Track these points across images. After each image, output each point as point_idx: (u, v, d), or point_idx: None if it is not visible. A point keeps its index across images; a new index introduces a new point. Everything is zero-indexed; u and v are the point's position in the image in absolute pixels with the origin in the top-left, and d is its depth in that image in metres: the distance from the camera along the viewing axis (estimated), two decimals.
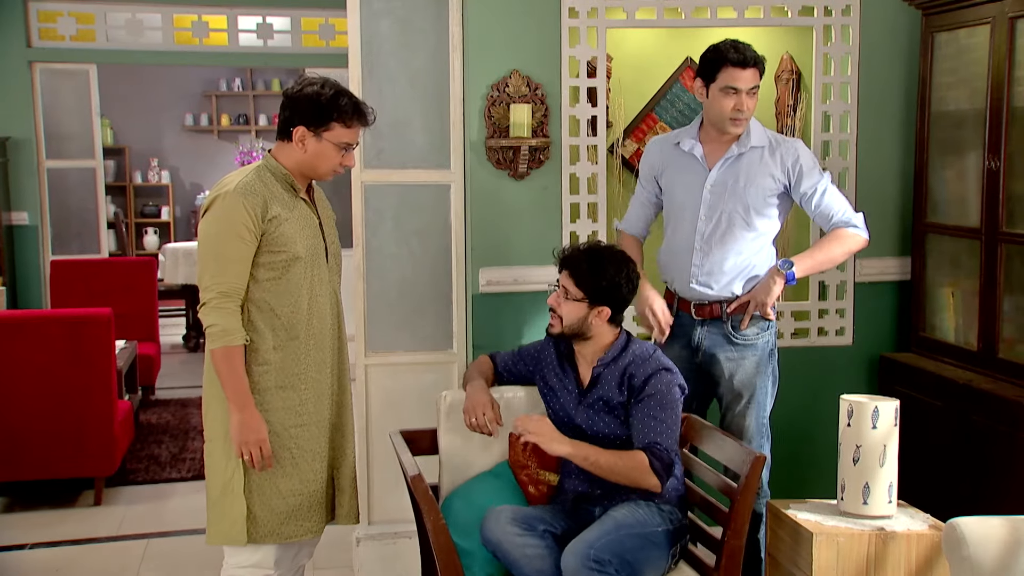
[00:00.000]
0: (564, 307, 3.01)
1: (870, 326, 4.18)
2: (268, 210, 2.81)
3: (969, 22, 3.73)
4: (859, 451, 2.93)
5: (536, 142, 3.82)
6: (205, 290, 2.79)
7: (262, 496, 2.87)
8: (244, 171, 2.90)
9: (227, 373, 2.78)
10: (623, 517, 2.85)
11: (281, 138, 2.91)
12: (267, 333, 2.85)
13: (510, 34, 3.86)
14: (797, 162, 3.35)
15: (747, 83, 3.26)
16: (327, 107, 2.83)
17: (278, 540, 2.90)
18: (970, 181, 3.80)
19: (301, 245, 2.87)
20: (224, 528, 2.87)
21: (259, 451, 2.81)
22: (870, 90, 4.08)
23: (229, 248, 2.78)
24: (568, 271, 3.02)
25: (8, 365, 4.65)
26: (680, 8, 3.94)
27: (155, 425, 6.38)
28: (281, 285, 2.85)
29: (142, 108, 11.55)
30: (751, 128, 3.36)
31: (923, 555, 2.86)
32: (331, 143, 2.85)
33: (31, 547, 4.41)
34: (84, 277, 6.87)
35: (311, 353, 2.92)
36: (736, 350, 3.37)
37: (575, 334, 3.04)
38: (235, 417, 2.79)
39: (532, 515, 2.92)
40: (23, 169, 7.14)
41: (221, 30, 7.48)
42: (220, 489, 2.87)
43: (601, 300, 2.99)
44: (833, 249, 3.37)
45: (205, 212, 2.85)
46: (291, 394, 2.90)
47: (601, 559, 2.69)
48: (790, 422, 4.08)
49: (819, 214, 3.38)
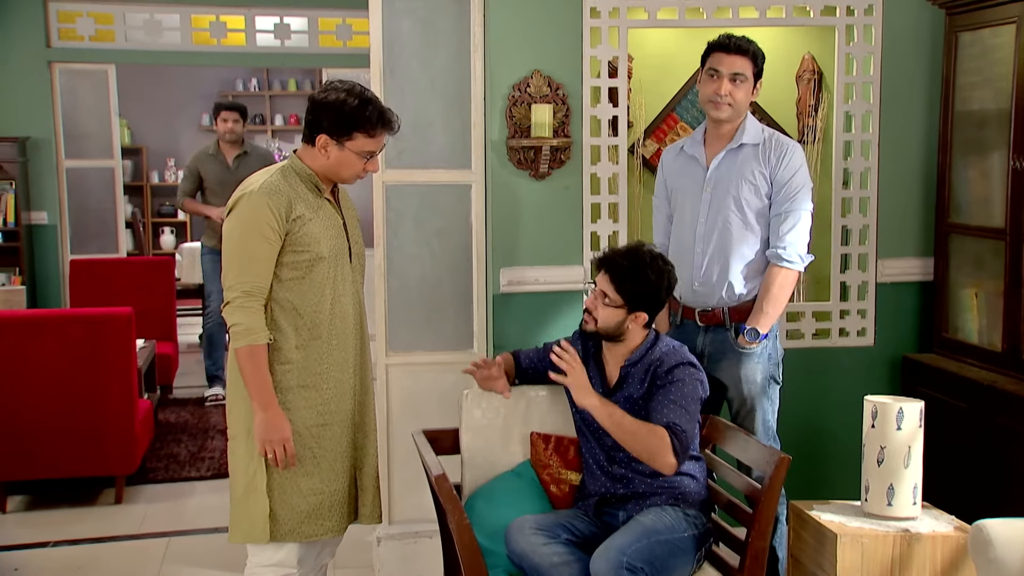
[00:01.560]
0: (601, 311, 2.98)
1: (892, 327, 4.16)
2: (292, 210, 2.81)
3: (994, 21, 3.71)
4: (883, 452, 2.92)
5: (557, 142, 3.82)
6: (229, 289, 2.80)
7: (283, 495, 2.87)
8: (269, 171, 2.91)
9: (251, 371, 2.79)
10: (651, 523, 2.84)
11: (306, 142, 2.91)
12: (290, 332, 2.85)
13: (531, 34, 3.86)
14: (780, 160, 3.30)
15: (729, 67, 3.26)
16: (351, 117, 2.82)
17: (299, 539, 2.91)
18: (994, 181, 3.78)
19: (325, 245, 2.87)
20: (246, 527, 2.87)
21: (282, 449, 2.81)
22: (892, 90, 4.06)
23: (253, 247, 2.79)
24: (609, 275, 2.98)
25: (30, 364, 4.67)
26: (702, 8, 3.94)
27: (174, 424, 6.40)
28: (304, 285, 2.86)
29: (159, 108, 11.58)
30: (745, 125, 3.35)
31: (948, 557, 2.84)
32: (353, 152, 2.86)
33: (53, 545, 4.43)
34: (103, 276, 6.89)
35: (333, 352, 2.93)
36: (740, 358, 3.35)
37: (609, 336, 3.02)
38: (259, 416, 2.80)
39: (555, 522, 2.91)
40: (43, 169, 7.17)
41: (239, 30, 7.49)
42: (243, 487, 2.88)
43: (640, 306, 2.98)
44: (776, 295, 3.29)
45: (230, 212, 2.86)
46: (313, 393, 2.90)
47: (633, 566, 2.68)
48: (810, 423, 4.07)
49: (771, 227, 3.33)
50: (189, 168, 6.68)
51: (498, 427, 3.24)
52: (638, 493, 2.98)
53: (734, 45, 3.28)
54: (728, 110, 3.30)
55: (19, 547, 4.40)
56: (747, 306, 3.34)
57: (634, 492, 2.98)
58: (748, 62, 3.28)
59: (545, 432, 3.25)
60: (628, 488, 2.99)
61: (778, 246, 3.29)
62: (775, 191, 3.30)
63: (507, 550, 2.86)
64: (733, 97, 3.28)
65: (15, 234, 7.04)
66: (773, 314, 3.30)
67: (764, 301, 3.29)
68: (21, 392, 4.68)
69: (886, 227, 4.11)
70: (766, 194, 3.31)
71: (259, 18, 7.48)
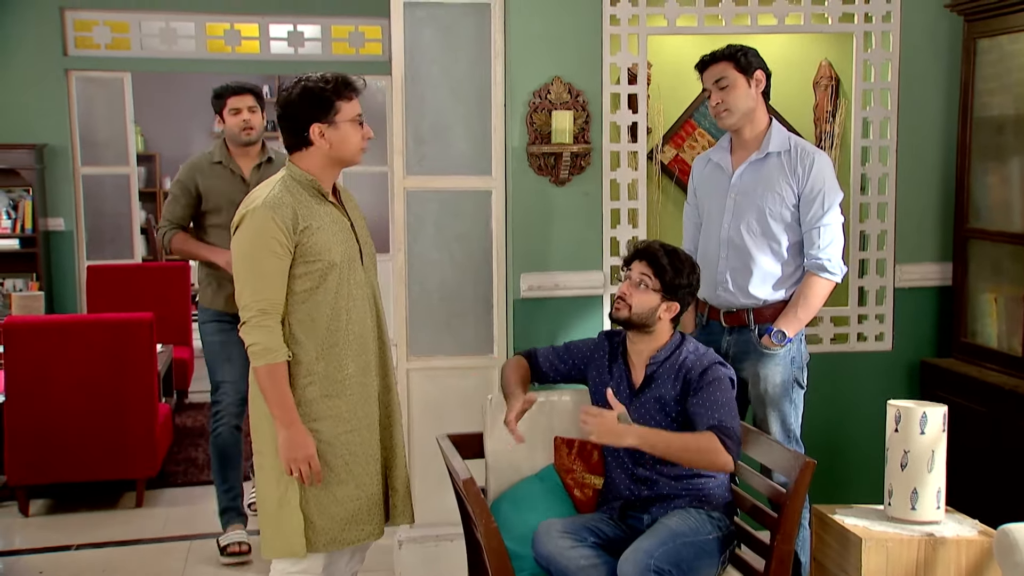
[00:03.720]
0: (636, 296, 3.02)
1: (910, 332, 4.18)
2: (299, 221, 2.79)
3: (1012, 28, 3.73)
4: (907, 456, 2.93)
5: (577, 148, 3.85)
6: (244, 308, 2.78)
7: (320, 505, 2.86)
8: (270, 183, 2.88)
9: (271, 391, 2.77)
10: (677, 526, 2.86)
11: (297, 148, 2.88)
12: (308, 344, 2.83)
13: (552, 41, 3.89)
14: (808, 172, 3.32)
15: (710, 78, 3.36)
16: (323, 93, 2.82)
17: (342, 546, 2.90)
18: (1014, 187, 3.80)
19: (336, 251, 2.85)
20: (281, 542, 2.86)
21: (307, 467, 2.79)
22: (910, 96, 4.08)
23: (264, 264, 2.77)
24: (647, 261, 3.05)
25: (52, 369, 4.71)
26: (721, 15, 3.97)
27: (191, 428, 6.43)
28: (319, 294, 2.83)
29: (172, 115, 11.65)
30: (771, 133, 3.38)
31: (973, 561, 2.85)
32: (345, 123, 2.85)
33: (76, 548, 4.46)
34: (119, 282, 6.94)
35: (354, 358, 2.91)
36: (762, 358, 3.38)
37: (640, 324, 3.04)
38: (282, 434, 2.79)
39: (581, 525, 2.93)
40: (59, 176, 7.21)
41: (253, 38, 7.54)
42: (276, 503, 2.86)
43: (673, 295, 3.03)
44: (813, 304, 3.35)
45: (236, 229, 2.84)
46: (338, 402, 2.88)
47: (660, 569, 2.71)
48: (829, 427, 4.09)
49: (805, 238, 3.36)
50: (180, 184, 4.33)
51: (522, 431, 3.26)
52: (662, 495, 3.00)
53: (705, 60, 3.38)
54: (728, 116, 3.35)
55: (42, 550, 4.43)
56: (771, 309, 3.37)
57: (658, 494, 3.01)
58: (726, 64, 3.33)
59: (568, 437, 3.27)
60: (652, 490, 3.01)
61: (820, 257, 3.32)
62: (804, 202, 3.33)
63: (534, 553, 2.88)
64: (725, 102, 3.34)
65: (32, 240, 7.08)
66: (804, 320, 3.34)
67: (798, 307, 3.33)
68: (44, 397, 4.72)
69: (904, 232, 4.13)
70: (792, 204, 3.34)
71: (273, 26, 7.52)
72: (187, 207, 4.29)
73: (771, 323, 3.36)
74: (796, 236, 3.37)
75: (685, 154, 4.39)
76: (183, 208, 4.30)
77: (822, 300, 3.37)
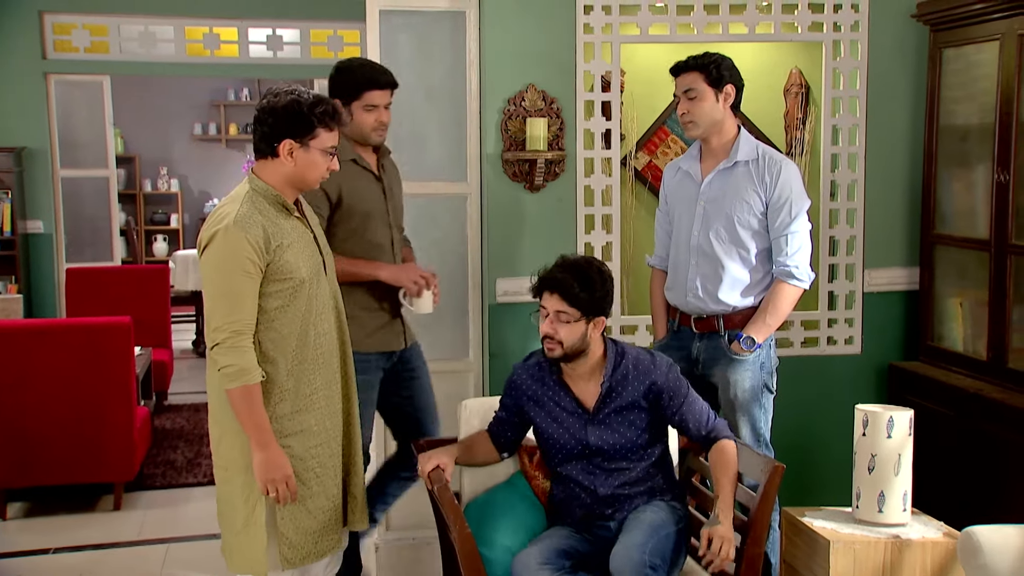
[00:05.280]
0: (562, 331, 2.90)
1: (879, 335, 4.25)
2: (270, 239, 2.74)
3: (978, 38, 3.80)
4: (874, 460, 2.99)
5: (552, 155, 3.90)
6: (217, 330, 2.70)
7: (295, 521, 2.84)
8: (236, 199, 2.80)
9: (247, 412, 2.72)
10: (653, 519, 2.88)
11: (263, 156, 2.80)
12: (280, 362, 2.80)
13: (526, 49, 3.94)
14: (776, 180, 3.35)
15: (680, 87, 3.40)
16: (308, 115, 2.75)
17: (317, 558, 2.89)
18: (978, 193, 3.87)
19: (304, 267, 2.82)
20: (248, 560, 2.83)
21: (285, 486, 2.77)
22: (878, 104, 4.15)
23: (236, 284, 2.70)
24: (558, 293, 2.91)
25: (29, 372, 4.72)
26: (692, 24, 4.02)
27: (170, 430, 6.45)
28: (289, 312, 2.80)
29: (152, 117, 11.65)
30: (739, 142, 3.41)
31: (938, 563, 2.91)
32: (318, 150, 2.80)
33: (54, 551, 4.48)
34: (99, 284, 6.93)
35: (320, 371, 2.89)
36: (732, 364, 3.43)
37: (576, 353, 2.95)
38: (258, 456, 2.74)
39: (554, 550, 2.89)
40: (38, 178, 7.20)
41: (232, 42, 7.54)
42: (243, 521, 2.82)
43: (595, 311, 2.93)
44: (782, 310, 3.39)
45: (205, 248, 2.78)
46: (307, 416, 2.86)
47: (654, 563, 2.74)
48: (800, 430, 4.15)
49: (774, 245, 3.40)
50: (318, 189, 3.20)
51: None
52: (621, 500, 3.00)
53: (678, 65, 3.40)
54: (693, 127, 3.40)
55: (21, 554, 4.45)
56: (741, 315, 3.42)
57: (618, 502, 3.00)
58: (697, 75, 3.35)
59: (530, 446, 3.27)
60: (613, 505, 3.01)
61: (788, 264, 3.36)
62: (772, 210, 3.37)
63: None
64: (692, 113, 3.37)
65: (11, 243, 7.07)
66: (773, 326, 3.39)
67: (767, 313, 3.38)
68: (21, 400, 4.73)
69: (872, 238, 4.20)
70: (760, 212, 3.38)
71: (252, 30, 7.54)
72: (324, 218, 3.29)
73: (741, 329, 3.41)
74: (764, 243, 3.42)
75: (658, 160, 4.45)
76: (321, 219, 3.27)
77: (791, 306, 3.42)
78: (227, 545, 2.90)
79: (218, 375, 2.73)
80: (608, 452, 3.00)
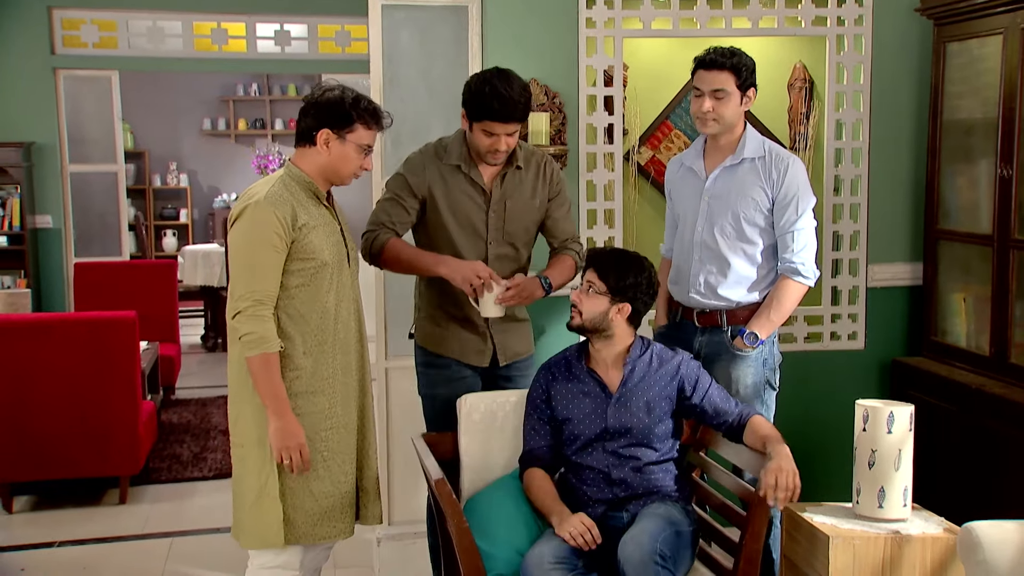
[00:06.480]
0: (586, 302, 3.07)
1: (882, 331, 4.24)
2: (297, 218, 2.87)
3: (981, 32, 3.78)
4: (874, 455, 2.97)
5: (554, 150, 3.89)
6: (239, 299, 2.82)
7: (296, 499, 2.92)
8: (269, 181, 2.96)
9: (265, 380, 2.82)
10: (667, 514, 2.90)
11: (302, 144, 2.96)
12: (297, 339, 2.90)
13: (528, 44, 3.93)
14: (783, 177, 3.33)
15: (709, 84, 3.29)
16: (350, 110, 2.91)
17: (312, 541, 2.96)
18: (982, 188, 3.86)
19: (328, 252, 2.93)
20: (261, 532, 2.91)
21: (299, 455, 2.86)
22: (882, 98, 4.14)
23: (262, 257, 2.83)
24: (594, 268, 3.11)
25: (35, 367, 4.75)
26: (695, 18, 4.01)
27: (176, 425, 6.48)
28: (310, 292, 2.91)
29: (161, 113, 11.70)
30: (746, 139, 3.38)
31: (938, 558, 2.89)
32: (354, 144, 2.93)
33: (59, 545, 4.51)
34: (107, 279, 6.98)
35: (338, 357, 2.99)
36: (735, 360, 3.41)
37: (594, 329, 3.08)
38: (274, 423, 2.84)
39: (568, 547, 2.88)
40: (47, 173, 7.25)
41: (240, 37, 7.58)
42: (256, 493, 2.91)
43: (622, 296, 3.06)
44: (786, 307, 3.38)
45: (234, 222, 2.91)
46: (321, 398, 2.95)
47: (664, 554, 2.74)
48: (801, 424, 4.13)
49: (779, 242, 3.39)
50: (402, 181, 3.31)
51: (495, 430, 3.30)
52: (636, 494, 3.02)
53: (710, 60, 3.29)
54: (714, 125, 3.34)
55: (25, 547, 4.48)
56: (745, 311, 3.41)
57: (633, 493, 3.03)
58: (729, 76, 3.28)
59: None
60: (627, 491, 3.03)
61: (794, 261, 3.34)
62: (778, 207, 3.35)
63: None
64: (717, 113, 3.31)
65: (20, 237, 7.12)
66: (776, 322, 3.38)
67: (771, 309, 3.36)
68: (27, 394, 4.77)
69: (876, 233, 4.19)
70: (767, 209, 3.36)
71: (260, 25, 7.57)
72: (411, 211, 3.28)
73: (744, 325, 3.40)
74: (770, 239, 3.40)
75: (661, 155, 4.44)
76: (406, 212, 3.28)
77: (795, 303, 3.41)
78: (238, 523, 2.98)
79: (239, 344, 2.85)
80: (625, 434, 3.04)
